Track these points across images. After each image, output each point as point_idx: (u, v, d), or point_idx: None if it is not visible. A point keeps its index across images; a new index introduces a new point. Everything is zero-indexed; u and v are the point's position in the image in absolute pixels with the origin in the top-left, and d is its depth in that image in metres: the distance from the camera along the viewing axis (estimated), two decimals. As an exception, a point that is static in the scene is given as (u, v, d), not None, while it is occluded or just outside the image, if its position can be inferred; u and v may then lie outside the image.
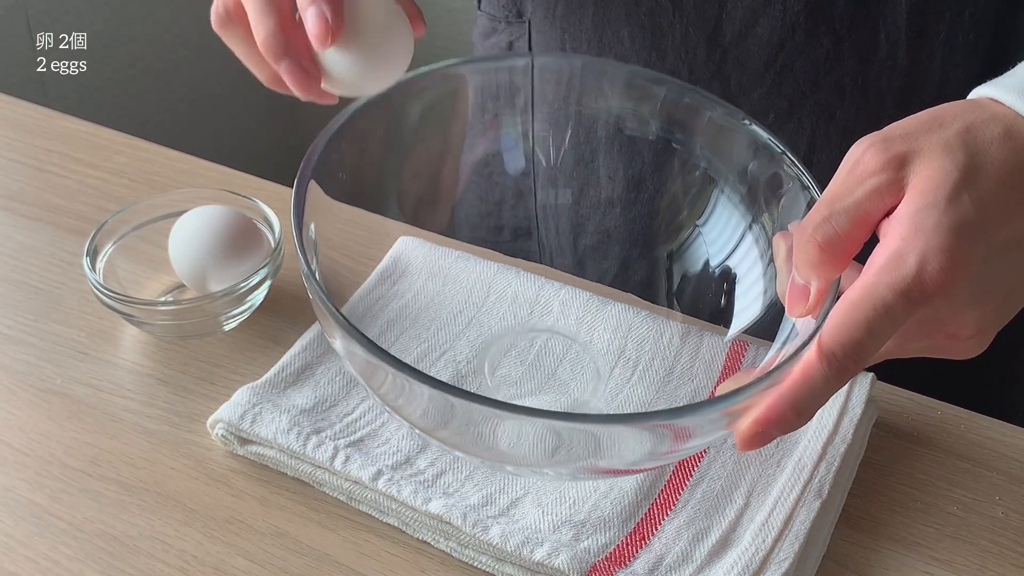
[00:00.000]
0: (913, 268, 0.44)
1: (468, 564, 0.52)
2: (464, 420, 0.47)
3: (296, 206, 0.50)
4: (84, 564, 0.53)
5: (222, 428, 0.57)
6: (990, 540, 0.54)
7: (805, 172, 0.53)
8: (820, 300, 0.48)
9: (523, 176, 0.68)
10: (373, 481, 0.54)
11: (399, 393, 0.47)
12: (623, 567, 0.51)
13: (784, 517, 0.52)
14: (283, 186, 0.75)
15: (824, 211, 0.47)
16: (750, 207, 0.58)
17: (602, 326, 0.62)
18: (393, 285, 0.64)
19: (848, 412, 0.57)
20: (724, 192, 0.60)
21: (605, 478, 0.54)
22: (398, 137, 0.61)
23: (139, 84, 1.51)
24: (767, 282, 0.57)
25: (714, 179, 0.60)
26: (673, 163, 0.63)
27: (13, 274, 0.69)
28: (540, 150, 0.65)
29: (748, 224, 0.59)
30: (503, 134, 0.64)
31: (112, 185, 0.76)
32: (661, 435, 0.47)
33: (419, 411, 0.48)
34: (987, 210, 0.45)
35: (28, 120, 0.83)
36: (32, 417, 0.60)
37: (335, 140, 0.54)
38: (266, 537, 0.54)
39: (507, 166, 0.67)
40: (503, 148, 0.65)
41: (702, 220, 0.61)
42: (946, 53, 0.65)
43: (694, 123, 0.60)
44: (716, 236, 0.60)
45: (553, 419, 0.46)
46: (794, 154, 0.54)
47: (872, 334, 0.44)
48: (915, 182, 0.46)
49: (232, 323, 0.64)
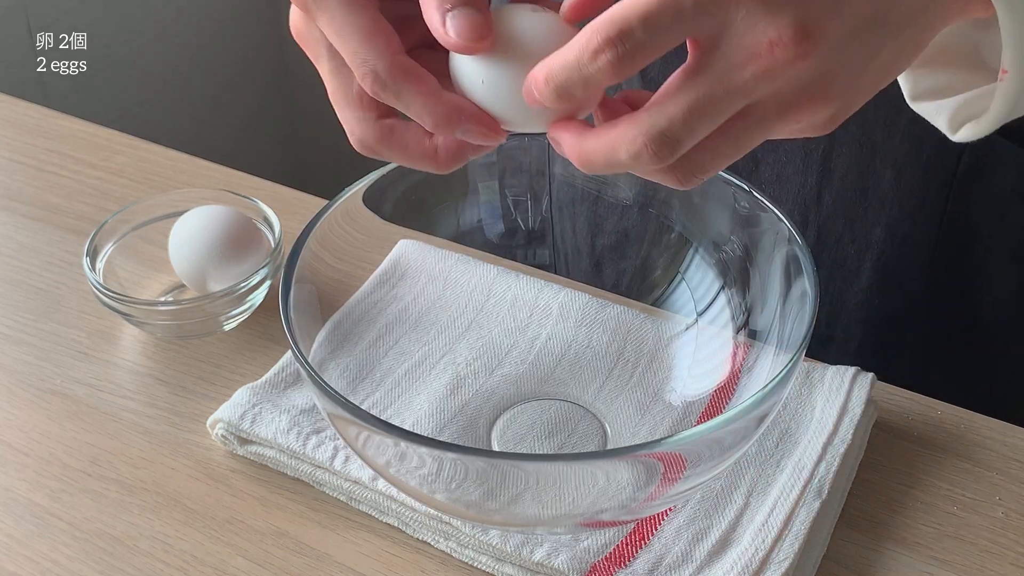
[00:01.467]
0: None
1: (468, 564, 0.52)
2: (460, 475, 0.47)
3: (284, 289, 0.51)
4: (84, 564, 0.53)
5: (222, 428, 0.57)
6: (990, 540, 0.54)
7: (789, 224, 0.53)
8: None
9: (539, 176, 0.68)
10: (373, 481, 0.54)
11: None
12: (623, 567, 0.51)
13: (784, 517, 0.52)
14: (283, 186, 0.75)
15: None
16: (722, 273, 0.59)
17: (601, 328, 0.62)
18: (392, 288, 0.64)
19: (848, 412, 0.57)
20: (698, 252, 0.61)
21: (600, 529, 0.53)
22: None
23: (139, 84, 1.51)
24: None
25: (688, 241, 0.61)
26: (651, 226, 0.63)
27: (13, 274, 0.69)
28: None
29: (721, 286, 0.59)
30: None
31: (112, 185, 0.76)
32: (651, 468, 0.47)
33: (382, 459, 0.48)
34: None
35: (28, 120, 0.83)
36: (32, 417, 0.60)
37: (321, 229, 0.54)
38: (266, 537, 0.54)
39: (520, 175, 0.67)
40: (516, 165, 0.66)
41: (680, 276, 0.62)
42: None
43: None
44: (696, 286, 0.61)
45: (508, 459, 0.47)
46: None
47: (646, 22, 0.37)
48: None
49: (232, 323, 0.64)
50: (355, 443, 0.49)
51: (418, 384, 0.59)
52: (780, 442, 0.56)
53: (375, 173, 0.57)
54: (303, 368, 0.48)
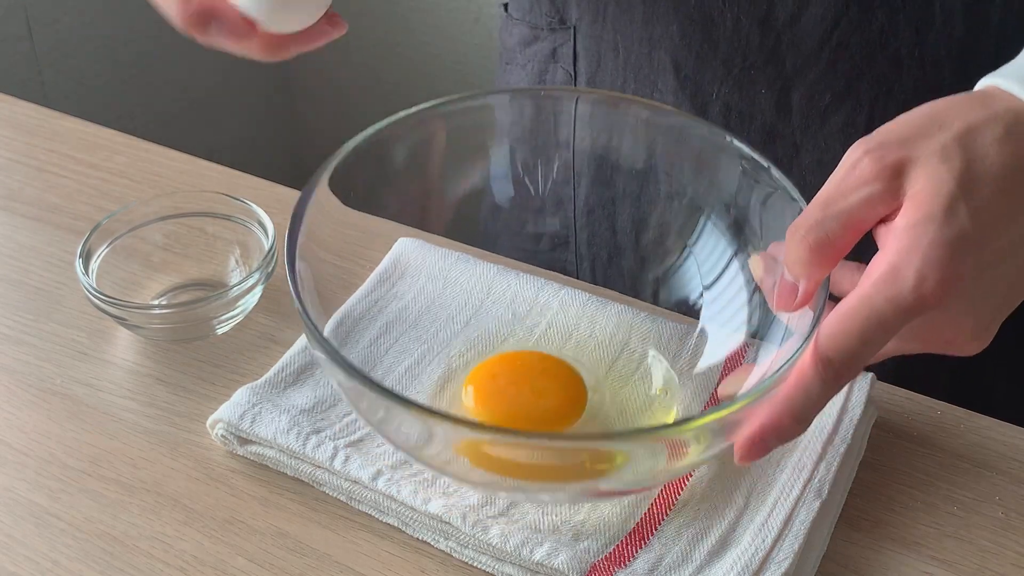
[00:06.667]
0: (910, 283, 0.44)
1: (468, 564, 0.52)
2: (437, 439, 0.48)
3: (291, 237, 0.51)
4: (84, 564, 0.53)
5: (222, 428, 0.57)
6: (990, 540, 0.54)
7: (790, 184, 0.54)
8: (807, 298, 0.48)
9: (563, 184, 0.67)
10: (373, 481, 0.54)
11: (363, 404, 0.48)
12: (623, 567, 0.51)
13: (784, 517, 0.52)
14: (282, 187, 0.75)
15: (817, 214, 0.47)
16: (736, 235, 0.59)
17: (602, 323, 0.62)
18: (392, 287, 0.64)
19: (848, 412, 0.57)
20: (710, 219, 0.60)
21: (603, 500, 0.54)
22: (390, 179, 0.61)
23: (139, 84, 1.51)
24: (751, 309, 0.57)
25: (700, 208, 0.61)
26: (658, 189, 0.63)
27: (13, 274, 0.69)
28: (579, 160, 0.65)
29: (734, 252, 0.59)
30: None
31: (112, 185, 0.76)
32: (656, 450, 0.47)
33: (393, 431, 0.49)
34: (983, 221, 0.45)
35: (28, 120, 0.83)
36: (32, 417, 0.60)
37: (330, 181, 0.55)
38: (266, 537, 0.54)
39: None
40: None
41: (692, 242, 0.62)
42: (1002, 18, 0.65)
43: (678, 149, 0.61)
44: (705, 259, 0.61)
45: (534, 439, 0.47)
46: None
47: (866, 343, 0.45)
48: (912, 193, 0.46)
49: (224, 327, 0.64)
50: (374, 418, 0.49)
51: (416, 382, 0.59)
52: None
53: (387, 120, 0.57)
54: (319, 347, 0.47)
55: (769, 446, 0.47)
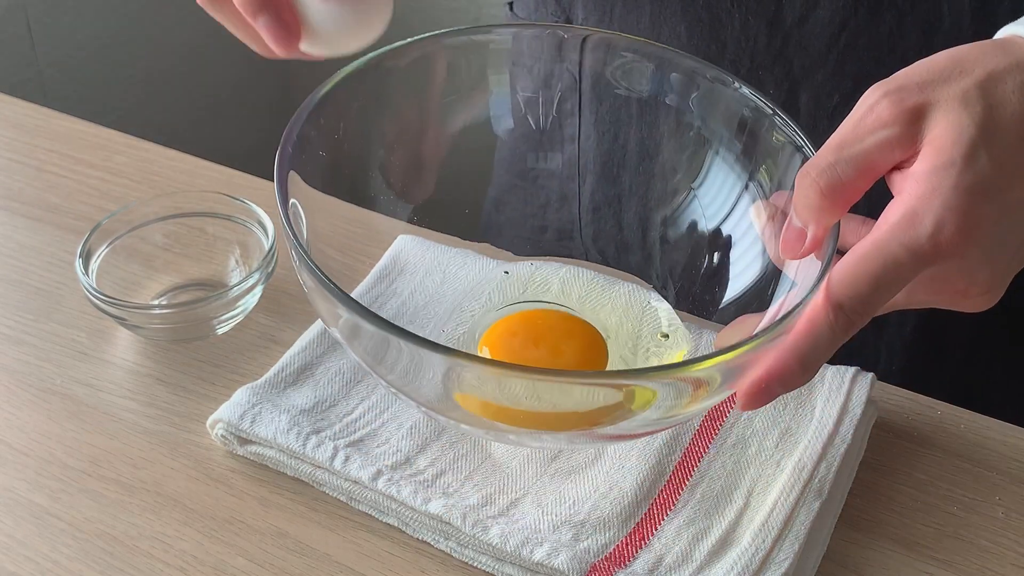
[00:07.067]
0: (928, 229, 0.43)
1: (468, 564, 0.52)
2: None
3: (279, 181, 0.50)
4: (84, 564, 0.53)
5: (222, 428, 0.57)
6: (990, 540, 0.54)
7: (799, 132, 0.53)
8: (815, 245, 0.47)
9: (568, 179, 0.67)
10: (373, 481, 0.54)
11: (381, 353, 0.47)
12: (623, 567, 0.51)
13: (784, 517, 0.52)
14: (283, 186, 0.75)
15: (830, 156, 0.46)
16: (745, 167, 0.58)
17: (612, 302, 0.61)
18: (392, 283, 0.64)
19: (848, 412, 0.57)
20: (719, 153, 0.59)
21: (606, 443, 0.53)
22: (383, 109, 0.60)
23: (139, 84, 1.51)
24: (763, 245, 0.56)
25: (708, 140, 0.59)
26: (671, 124, 0.62)
27: (13, 274, 0.69)
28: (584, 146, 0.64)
29: (744, 184, 0.58)
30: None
31: (112, 185, 0.76)
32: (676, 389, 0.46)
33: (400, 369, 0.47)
34: (1004, 168, 0.44)
35: (28, 120, 0.83)
36: (32, 417, 0.60)
37: (316, 111, 0.53)
38: (266, 537, 0.54)
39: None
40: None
41: (697, 183, 0.60)
42: (1009, 20, 0.65)
43: (688, 85, 0.60)
44: (712, 199, 0.60)
45: (543, 376, 0.45)
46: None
47: (880, 288, 0.44)
48: (931, 138, 0.45)
49: (224, 327, 0.64)
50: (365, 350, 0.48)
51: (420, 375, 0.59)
52: (780, 442, 0.56)
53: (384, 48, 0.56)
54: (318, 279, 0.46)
55: (773, 393, 0.45)
